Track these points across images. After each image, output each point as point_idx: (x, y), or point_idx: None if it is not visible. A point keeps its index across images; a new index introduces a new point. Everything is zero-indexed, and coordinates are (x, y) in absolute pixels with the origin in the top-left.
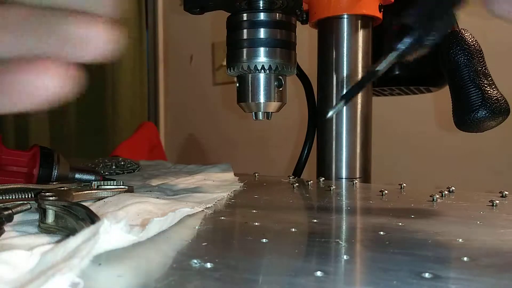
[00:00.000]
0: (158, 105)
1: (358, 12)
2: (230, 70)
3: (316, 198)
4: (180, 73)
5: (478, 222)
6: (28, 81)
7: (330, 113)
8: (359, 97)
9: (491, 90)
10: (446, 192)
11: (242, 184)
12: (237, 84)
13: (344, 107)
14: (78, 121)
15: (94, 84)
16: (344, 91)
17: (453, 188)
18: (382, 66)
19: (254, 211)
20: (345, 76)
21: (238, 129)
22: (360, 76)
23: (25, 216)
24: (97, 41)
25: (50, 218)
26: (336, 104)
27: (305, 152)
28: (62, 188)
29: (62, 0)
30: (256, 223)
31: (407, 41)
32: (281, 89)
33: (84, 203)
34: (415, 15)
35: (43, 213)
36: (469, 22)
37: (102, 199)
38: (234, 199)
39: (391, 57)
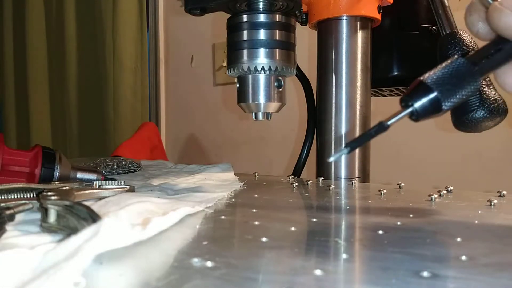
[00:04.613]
0: (159, 106)
1: (357, 13)
2: (230, 71)
3: (316, 198)
4: (181, 74)
5: (476, 222)
6: None
7: (331, 158)
8: (358, 97)
9: (489, 91)
10: (444, 192)
11: (242, 183)
12: (237, 85)
13: (344, 107)
14: (80, 121)
15: (96, 84)
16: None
17: (451, 187)
18: (393, 121)
19: (254, 210)
20: (344, 76)
21: (238, 129)
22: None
23: (27, 215)
24: None
25: (52, 218)
26: (340, 150)
27: (305, 152)
28: (64, 188)
29: None
30: (256, 222)
31: (424, 102)
32: (280, 89)
33: (85, 203)
34: (437, 81)
35: (45, 212)
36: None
37: (104, 198)
38: (234, 199)
39: (403, 114)
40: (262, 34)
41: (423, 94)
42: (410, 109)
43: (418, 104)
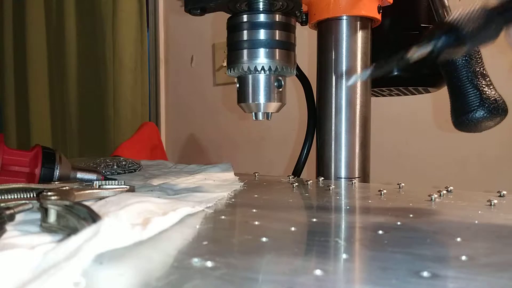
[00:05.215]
0: (159, 106)
1: (357, 13)
2: (230, 71)
3: (316, 198)
4: (181, 74)
5: (476, 222)
6: None
7: (350, 82)
8: (358, 97)
9: (489, 91)
10: (444, 192)
11: (242, 183)
12: (237, 85)
13: (344, 107)
14: (80, 121)
15: (96, 84)
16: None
17: (451, 187)
18: (414, 55)
19: (254, 210)
20: (344, 76)
21: (238, 129)
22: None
23: (27, 215)
24: None
25: (52, 218)
26: (356, 74)
27: (305, 152)
28: (64, 188)
29: None
30: (256, 222)
31: (444, 39)
32: (280, 89)
33: (85, 203)
34: (462, 19)
35: (45, 212)
36: None
37: (104, 198)
38: (234, 199)
39: (424, 49)
40: (262, 34)
41: (447, 31)
42: (433, 44)
43: (441, 41)
